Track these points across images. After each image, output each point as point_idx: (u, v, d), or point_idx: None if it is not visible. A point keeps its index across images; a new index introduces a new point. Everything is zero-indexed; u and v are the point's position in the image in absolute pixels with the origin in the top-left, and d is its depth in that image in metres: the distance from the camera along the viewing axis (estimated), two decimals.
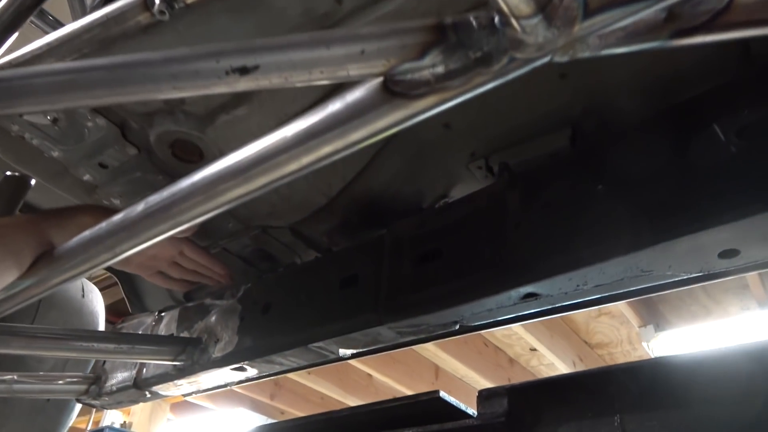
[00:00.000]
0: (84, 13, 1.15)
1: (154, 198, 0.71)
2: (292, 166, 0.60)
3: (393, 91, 0.52)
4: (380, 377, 4.17)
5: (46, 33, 1.26)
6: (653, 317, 3.44)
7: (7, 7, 0.96)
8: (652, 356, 3.68)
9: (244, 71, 0.51)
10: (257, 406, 5.08)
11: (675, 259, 0.72)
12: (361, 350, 1.06)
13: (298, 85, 0.52)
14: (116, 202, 1.12)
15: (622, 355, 4.05)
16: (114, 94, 0.54)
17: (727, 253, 0.70)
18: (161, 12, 0.73)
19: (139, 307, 1.54)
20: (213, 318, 1.24)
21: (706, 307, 3.45)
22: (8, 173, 1.26)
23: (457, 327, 0.93)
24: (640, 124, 0.83)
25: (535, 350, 3.89)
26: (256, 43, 0.51)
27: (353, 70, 0.50)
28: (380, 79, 0.52)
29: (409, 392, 4.11)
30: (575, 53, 0.48)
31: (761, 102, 0.71)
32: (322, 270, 1.12)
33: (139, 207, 0.73)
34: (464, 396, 4.42)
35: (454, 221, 0.95)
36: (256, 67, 0.50)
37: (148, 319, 1.40)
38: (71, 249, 0.82)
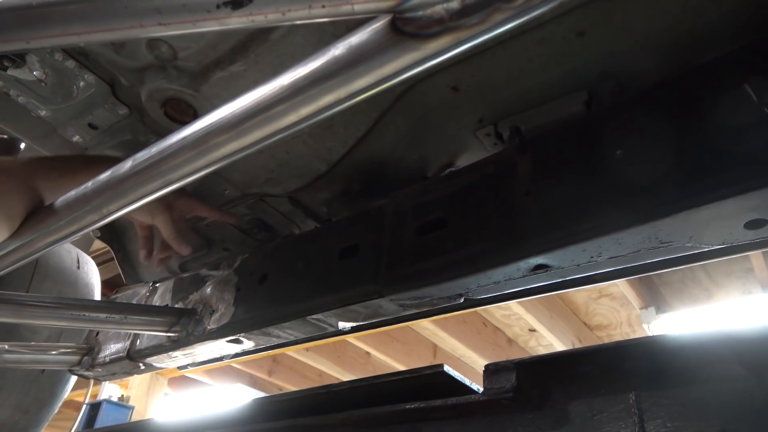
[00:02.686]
0: None
1: (142, 155, 0.67)
2: (291, 118, 0.55)
3: (402, 30, 0.47)
4: (378, 355, 4.17)
5: None
6: (654, 300, 3.42)
7: None
8: None
9: (236, 4, 0.46)
10: (255, 382, 5.10)
11: (697, 229, 0.68)
12: (360, 323, 1.02)
13: (298, 22, 0.47)
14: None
15: (621, 337, 4.04)
16: (92, 31, 0.49)
17: (755, 224, 0.65)
18: None
19: (134, 278, 1.50)
20: (208, 289, 1.20)
21: (707, 290, 3.43)
22: None
23: (462, 300, 0.89)
24: (662, 86, 0.78)
25: (534, 331, 3.87)
26: None
27: (358, 3, 0.44)
28: (389, 16, 0.46)
29: None
30: None
31: None
32: (321, 240, 1.07)
33: (127, 164, 0.68)
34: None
35: (460, 189, 0.90)
36: (249, 0, 0.45)
37: (143, 290, 1.36)
38: (58, 210, 0.77)
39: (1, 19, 0.52)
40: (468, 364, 4.38)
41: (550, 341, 3.79)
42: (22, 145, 1.29)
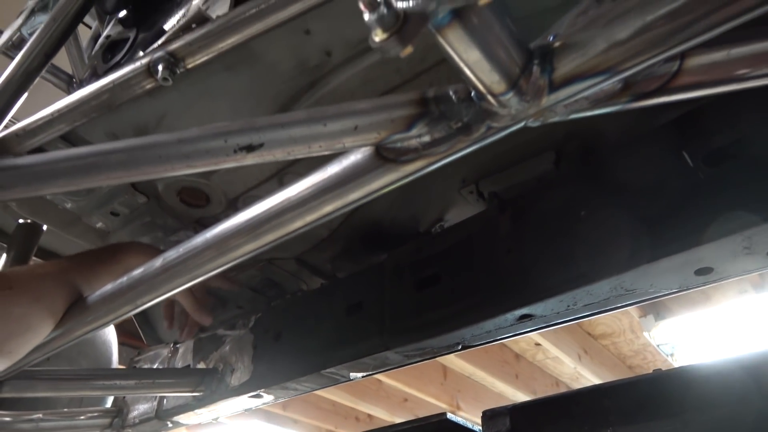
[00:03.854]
0: (84, 66, 1.21)
1: (171, 254, 0.77)
2: (297, 224, 0.65)
3: (385, 157, 0.57)
4: (390, 381, 4.23)
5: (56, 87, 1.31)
6: (653, 306, 3.51)
7: (18, 66, 1.01)
8: (654, 344, 3.75)
9: (250, 149, 0.56)
10: (270, 418, 5.14)
11: (655, 278, 0.78)
12: (371, 372, 1.12)
13: (299, 156, 0.58)
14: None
15: (625, 344, 4.11)
16: (131, 175, 0.59)
17: (703, 271, 0.76)
18: (165, 79, 0.78)
19: (153, 338, 1.59)
20: (227, 348, 1.30)
21: (705, 292, 3.52)
22: (21, 221, 1.31)
23: (460, 347, 0.99)
24: (619, 148, 0.89)
25: (540, 345, 3.94)
26: (259, 121, 0.57)
27: (348, 143, 0.55)
28: (373, 147, 0.57)
29: (419, 395, 4.17)
30: (546, 119, 0.53)
31: (726, 128, 0.76)
32: (329, 297, 1.17)
33: (158, 262, 0.78)
34: (473, 394, 4.47)
35: (450, 247, 1.00)
36: (261, 145, 0.56)
37: (165, 351, 1.46)
38: (96, 302, 0.87)
39: (57, 168, 0.62)
40: (479, 383, 4.44)
41: (555, 354, 3.86)
42: (45, 227, 1.39)
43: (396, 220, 1.17)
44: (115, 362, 1.88)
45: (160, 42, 0.82)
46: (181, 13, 0.87)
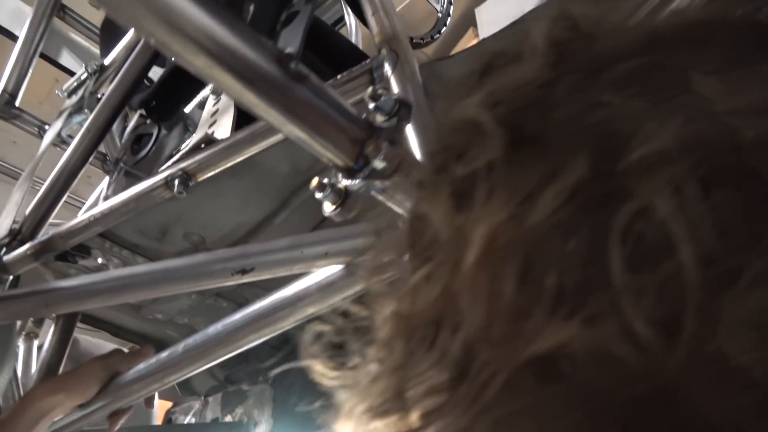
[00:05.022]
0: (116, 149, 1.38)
1: (192, 340, 0.91)
2: (286, 323, 0.78)
3: (354, 272, 0.70)
4: None
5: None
6: None
7: (61, 169, 1.19)
8: None
9: (244, 272, 0.70)
10: None
11: None
12: None
13: (282, 275, 0.71)
14: (158, 317, 1.33)
15: None
16: (152, 293, 0.74)
17: None
18: (180, 192, 0.93)
19: (188, 390, 1.74)
20: (250, 401, 1.44)
21: None
22: None
23: None
24: None
25: None
26: (251, 249, 0.71)
27: (321, 265, 0.68)
28: (343, 265, 0.70)
29: None
30: None
31: None
32: None
33: (180, 348, 0.93)
34: None
35: None
36: (252, 269, 0.70)
37: (196, 404, 1.60)
38: (132, 379, 1.02)
39: (96, 289, 0.77)
40: None
41: None
42: None
43: None
44: (155, 419, 2.05)
45: (174, 159, 0.97)
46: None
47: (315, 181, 0.54)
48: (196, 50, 0.43)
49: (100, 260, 1.20)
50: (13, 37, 1.80)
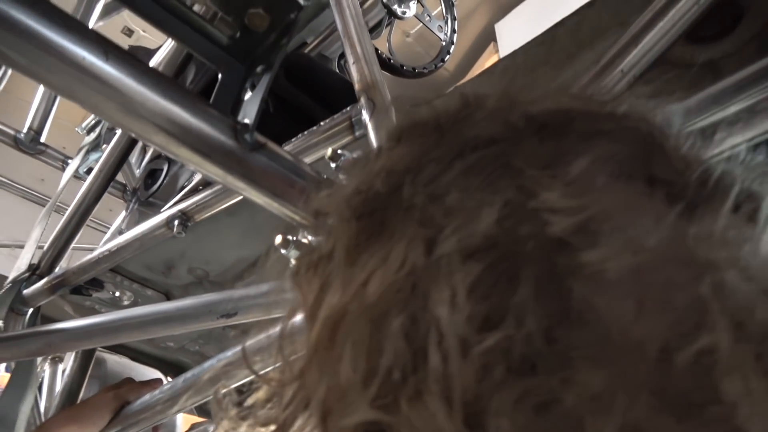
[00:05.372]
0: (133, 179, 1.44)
1: (191, 375, 0.95)
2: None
3: None
4: None
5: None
6: None
7: (79, 202, 1.26)
8: None
9: (228, 315, 0.74)
10: None
11: None
12: None
13: (261, 319, 0.74)
14: (170, 344, 1.38)
15: None
16: (146, 334, 0.78)
17: None
18: (179, 232, 0.98)
19: (205, 413, 1.79)
20: None
21: None
22: None
23: None
24: None
25: None
26: (234, 295, 0.74)
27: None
28: None
29: None
30: None
31: None
32: None
33: (180, 381, 0.97)
34: None
35: None
36: (235, 313, 0.73)
37: (210, 428, 1.65)
38: (138, 409, 1.06)
39: (94, 329, 0.82)
40: None
41: None
42: None
43: None
44: None
45: (174, 201, 1.02)
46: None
47: (279, 238, 0.57)
48: (153, 130, 0.47)
49: (111, 293, 1.26)
50: None
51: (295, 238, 0.56)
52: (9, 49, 0.39)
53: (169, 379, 1.63)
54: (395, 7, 1.50)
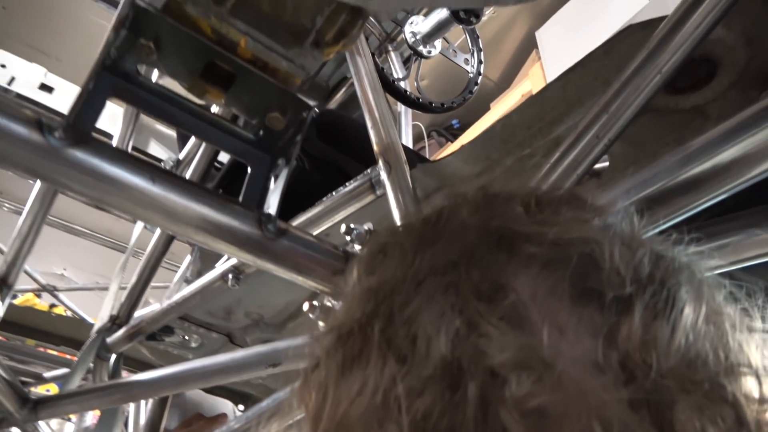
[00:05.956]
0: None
1: (253, 412, 1.06)
2: None
3: None
4: None
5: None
6: None
7: (152, 252, 1.40)
8: None
9: (274, 365, 0.84)
10: None
11: None
12: None
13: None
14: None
15: None
16: (203, 384, 0.89)
17: None
18: (233, 285, 1.09)
19: None
20: None
21: None
22: None
23: None
24: None
25: None
26: (279, 346, 0.84)
27: None
28: None
29: None
30: None
31: None
32: None
33: (242, 419, 1.08)
34: None
35: None
36: (279, 363, 0.83)
37: None
38: None
39: (155, 382, 0.94)
40: None
41: None
42: None
43: None
44: None
45: (226, 257, 1.14)
46: None
47: (306, 305, 0.66)
48: (194, 231, 0.58)
49: (180, 337, 1.40)
50: (108, 135, 2.11)
51: (322, 304, 0.65)
52: (78, 184, 0.51)
53: (238, 407, 1.76)
54: (421, 48, 1.59)
